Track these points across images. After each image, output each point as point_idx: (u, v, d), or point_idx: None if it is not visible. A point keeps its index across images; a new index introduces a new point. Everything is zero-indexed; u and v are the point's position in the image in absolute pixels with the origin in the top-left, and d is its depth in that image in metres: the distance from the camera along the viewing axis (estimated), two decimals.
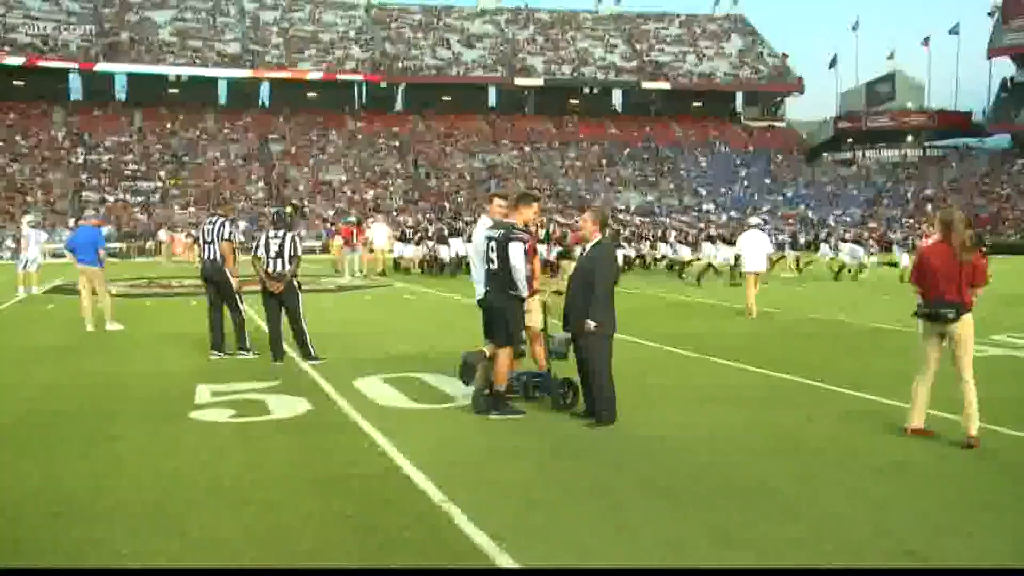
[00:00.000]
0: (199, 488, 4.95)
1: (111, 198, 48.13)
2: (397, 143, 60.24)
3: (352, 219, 26.28)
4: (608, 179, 59.38)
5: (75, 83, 59.71)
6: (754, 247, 14.07)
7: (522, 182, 54.13)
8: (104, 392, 7.76)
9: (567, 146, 63.09)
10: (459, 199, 53.31)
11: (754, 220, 15.38)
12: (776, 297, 16.81)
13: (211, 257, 9.77)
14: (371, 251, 24.79)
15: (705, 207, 56.78)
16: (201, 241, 9.99)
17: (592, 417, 6.32)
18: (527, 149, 61.93)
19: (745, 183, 61.31)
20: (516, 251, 6.47)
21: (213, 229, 9.79)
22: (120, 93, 61.17)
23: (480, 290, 6.96)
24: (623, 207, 53.12)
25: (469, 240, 23.09)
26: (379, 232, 25.55)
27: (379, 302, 16.96)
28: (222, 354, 9.58)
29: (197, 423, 6.48)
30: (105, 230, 20.57)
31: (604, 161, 61.83)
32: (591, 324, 6.14)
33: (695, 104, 68.96)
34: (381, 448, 5.73)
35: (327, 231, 40.71)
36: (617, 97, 70.54)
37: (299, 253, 9.32)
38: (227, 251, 9.71)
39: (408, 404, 7.09)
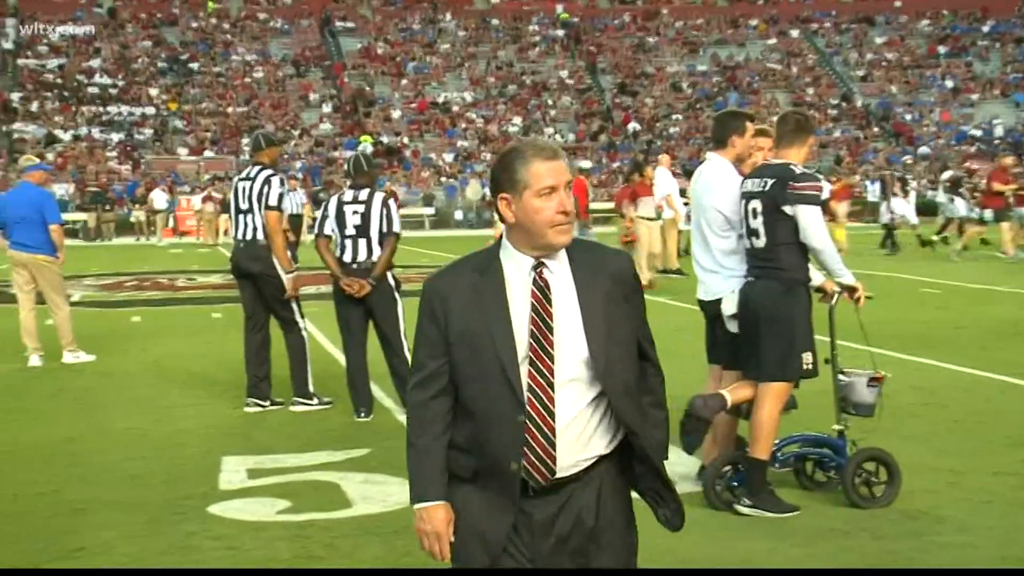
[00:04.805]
0: None
1: (66, 135, 50.14)
2: (560, 32, 60.65)
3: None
4: (947, 80, 57.60)
5: None
6: None
7: (785, 95, 53.34)
8: (65, 471, 7.93)
9: (868, 26, 61.75)
10: (671, 129, 53.05)
11: None
12: None
13: (248, 236, 9.98)
14: None
15: None
16: (233, 210, 10.24)
17: None
18: (794, 34, 61.05)
19: None
20: (809, 216, 6.49)
21: (250, 188, 9.98)
22: None
23: (709, 286, 7.01)
24: (980, 132, 51.34)
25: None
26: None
27: None
28: (267, 403, 9.85)
29: (223, 523, 6.62)
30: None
31: (940, 48, 60.03)
32: None
33: None
34: None
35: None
36: None
37: (396, 228, 9.44)
38: (275, 226, 9.88)
39: None
